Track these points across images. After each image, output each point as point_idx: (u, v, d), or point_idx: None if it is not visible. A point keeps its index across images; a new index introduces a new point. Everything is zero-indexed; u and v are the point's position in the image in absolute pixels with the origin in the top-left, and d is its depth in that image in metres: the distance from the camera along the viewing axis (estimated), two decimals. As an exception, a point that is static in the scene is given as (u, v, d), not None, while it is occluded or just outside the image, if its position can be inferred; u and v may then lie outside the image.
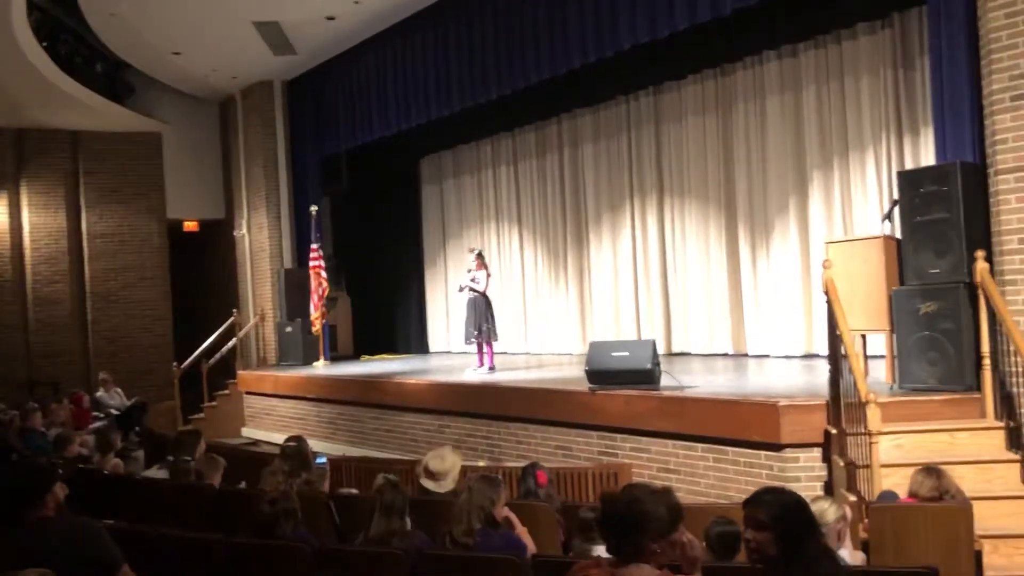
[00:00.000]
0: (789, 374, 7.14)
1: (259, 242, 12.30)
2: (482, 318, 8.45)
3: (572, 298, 10.46)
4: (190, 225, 13.30)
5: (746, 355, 8.64)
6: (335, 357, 11.74)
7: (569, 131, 10.48)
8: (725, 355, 8.81)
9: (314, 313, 11.03)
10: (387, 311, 12.90)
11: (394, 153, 11.93)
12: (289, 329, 11.45)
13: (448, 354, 11.85)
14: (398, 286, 12.83)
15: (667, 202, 9.47)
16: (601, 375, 6.28)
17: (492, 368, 8.55)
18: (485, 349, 8.59)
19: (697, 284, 9.17)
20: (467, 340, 8.64)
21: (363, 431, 8.79)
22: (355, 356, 12.23)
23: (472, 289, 8.52)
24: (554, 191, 10.66)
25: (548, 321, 10.76)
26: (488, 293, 8.61)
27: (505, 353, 10.79)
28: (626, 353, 6.23)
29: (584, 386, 6.44)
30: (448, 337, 12.14)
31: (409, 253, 12.67)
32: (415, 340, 12.58)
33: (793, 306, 8.26)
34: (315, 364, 11.05)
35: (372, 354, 12.10)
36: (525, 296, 11.10)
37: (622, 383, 6.16)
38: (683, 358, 8.96)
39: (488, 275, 8.61)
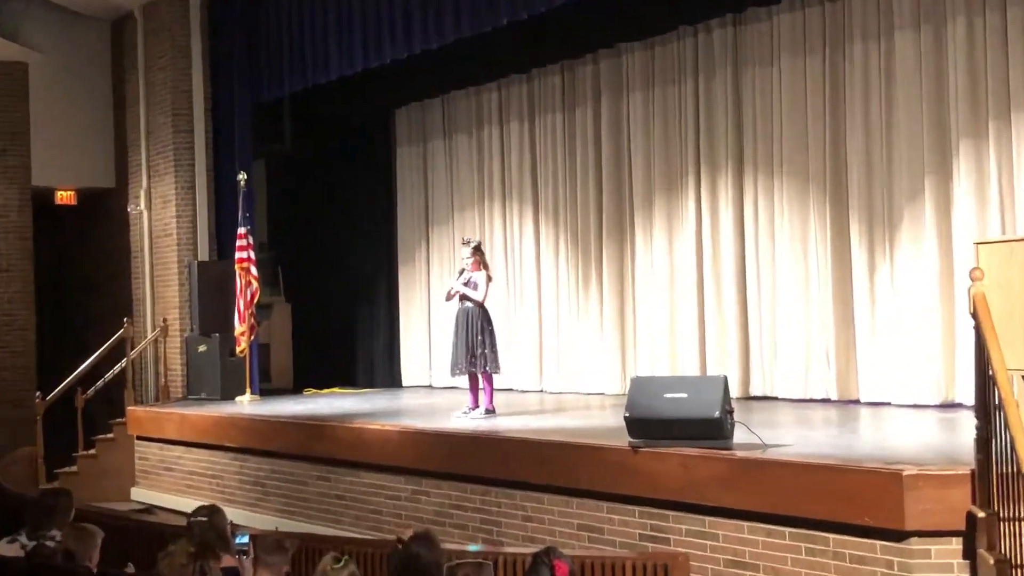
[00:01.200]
0: (918, 431, 7.19)
1: (163, 222, 12.32)
2: (478, 339, 8.51)
3: (608, 315, 10.56)
4: (65, 196, 13.30)
5: (856, 402, 8.72)
6: (267, 390, 11.90)
7: (610, 74, 10.56)
8: (826, 401, 8.88)
9: (239, 326, 11.06)
10: (343, 326, 13.00)
11: (358, 101, 12.00)
12: (203, 348, 11.53)
13: (428, 390, 11.95)
14: (359, 291, 12.93)
15: (748, 181, 9.53)
16: (648, 425, 6.32)
17: (491, 411, 8.60)
18: (482, 384, 8.63)
19: (789, 300, 9.20)
20: (455, 370, 8.71)
21: (305, 496, 8.81)
22: (296, 389, 12.41)
23: (466, 297, 8.59)
24: (586, 160, 10.75)
25: (572, 347, 10.86)
26: (488, 304, 8.68)
27: (510, 390, 10.84)
28: (684, 395, 6.26)
29: (622, 440, 6.46)
30: (429, 365, 12.23)
31: (376, 244, 12.79)
32: (381, 368, 12.71)
33: (926, 334, 8.31)
34: (239, 399, 11.08)
35: (320, 387, 12.22)
36: (541, 310, 11.20)
37: (678, 437, 6.20)
38: (766, 404, 9.00)
39: (489, 278, 8.68)
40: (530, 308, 11.25)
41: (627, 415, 6.39)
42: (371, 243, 12.79)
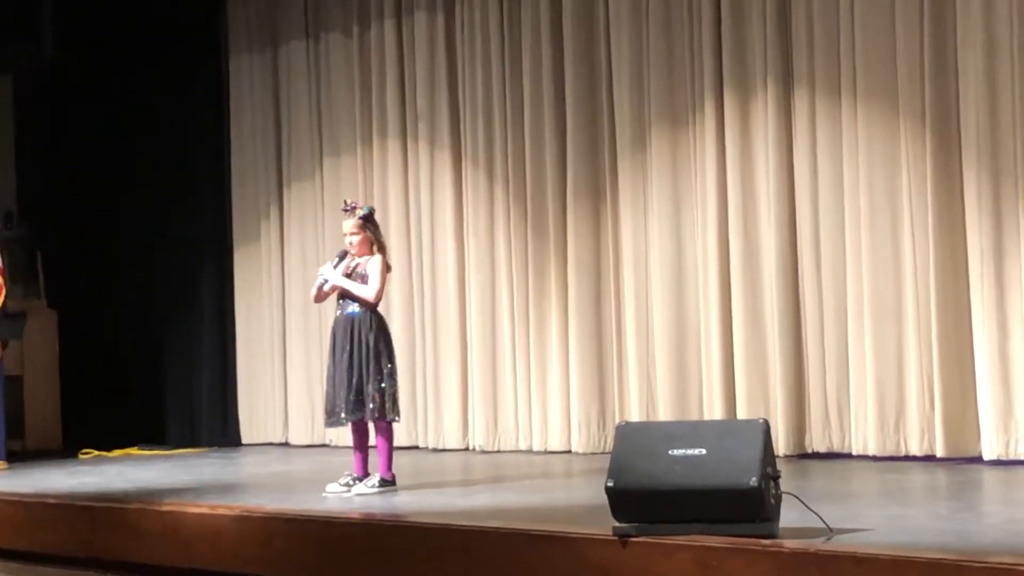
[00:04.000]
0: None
1: None
2: (369, 368, 8.63)
3: (577, 329, 10.69)
4: None
5: (978, 460, 8.91)
6: (20, 453, 11.96)
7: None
8: (929, 460, 9.07)
9: (-29, 349, 11.17)
10: (144, 349, 13.02)
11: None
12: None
13: (284, 450, 12.10)
14: (171, 292, 12.96)
15: (800, 113, 9.70)
16: (644, 501, 6.34)
17: (389, 482, 8.73)
18: (374, 440, 8.71)
19: (866, 303, 9.31)
20: (332, 419, 8.85)
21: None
22: (67, 451, 12.42)
23: (348, 296, 8.70)
24: (537, 78, 10.89)
25: (517, 381, 10.99)
26: (382, 308, 8.87)
27: (416, 449, 10.96)
28: (701, 451, 6.32)
29: (604, 525, 6.45)
30: (285, 412, 12.44)
31: (198, 215, 12.90)
32: (208, 418, 12.87)
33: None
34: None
35: (107, 448, 12.30)
36: (467, 323, 11.33)
37: (692, 520, 6.22)
38: (832, 465, 9.12)
39: (386, 266, 8.84)
40: (448, 320, 11.33)
41: (610, 485, 6.36)
42: (189, 214, 12.80)
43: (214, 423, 12.69)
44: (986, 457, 8.78)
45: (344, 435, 9.89)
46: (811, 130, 9.58)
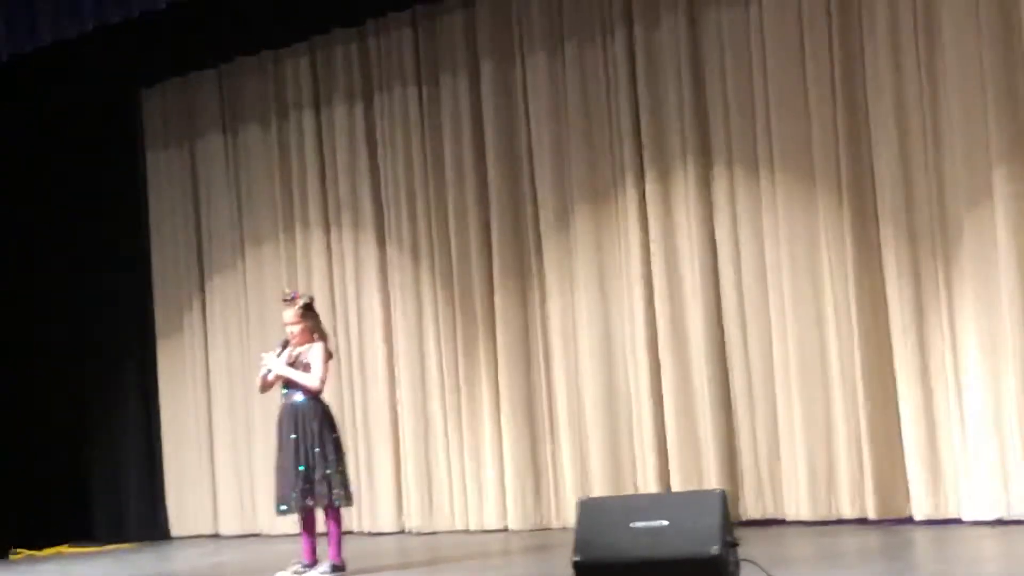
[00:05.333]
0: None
1: None
2: (315, 453, 8.64)
3: (510, 404, 10.73)
4: None
5: (908, 521, 8.93)
6: None
7: (494, 21, 10.80)
8: (862, 523, 9.08)
9: None
10: (71, 437, 12.90)
11: (86, 73, 11.99)
12: None
13: (216, 542, 12.00)
14: (96, 376, 12.87)
15: (719, 186, 9.83)
16: (609, 573, 6.45)
17: (339, 568, 8.70)
18: (328, 525, 8.71)
19: (793, 368, 9.42)
20: (283, 506, 8.79)
21: None
22: None
23: (292, 384, 8.74)
24: (459, 158, 11.02)
25: (450, 461, 11.02)
26: (327, 395, 8.95)
27: (352, 533, 10.86)
28: (663, 522, 6.40)
29: None
30: (214, 501, 12.36)
31: (120, 301, 12.85)
32: (136, 511, 12.78)
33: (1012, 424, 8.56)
34: None
35: (38, 547, 12.24)
36: (396, 402, 11.38)
37: None
38: (769, 531, 9.10)
39: (328, 354, 8.88)
40: (378, 403, 11.39)
41: (577, 559, 6.46)
42: (111, 308, 12.79)
43: (143, 516, 12.58)
44: (916, 517, 8.82)
45: (281, 523, 10.01)
46: (731, 204, 9.67)
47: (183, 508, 12.49)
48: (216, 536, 12.05)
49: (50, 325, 12.93)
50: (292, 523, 9.58)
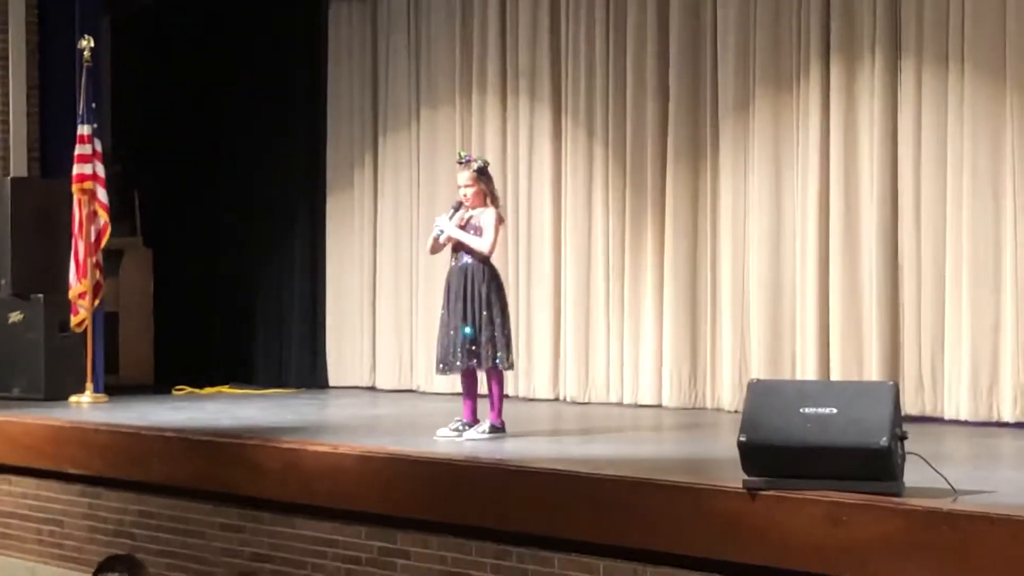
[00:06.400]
0: None
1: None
2: (483, 316, 8.71)
3: (673, 286, 10.73)
4: None
5: None
6: (115, 387, 11.97)
7: None
8: (1015, 426, 9.10)
9: (78, 284, 11.18)
10: (235, 288, 13.14)
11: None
12: (18, 318, 11.57)
13: (373, 393, 12.18)
14: (263, 233, 13.06)
15: (907, 79, 9.69)
16: (775, 456, 6.39)
17: (499, 429, 8.81)
18: (489, 386, 8.85)
19: (968, 268, 9.32)
20: (445, 366, 8.90)
21: (202, 557, 8.86)
22: (159, 387, 12.60)
23: (463, 248, 8.76)
24: (641, 37, 10.88)
25: (609, 335, 11.04)
26: (495, 259, 8.95)
27: (508, 397, 10.83)
28: (832, 410, 6.35)
29: (731, 477, 6.56)
30: (373, 356, 12.52)
31: (292, 159, 12.94)
32: (296, 359, 12.97)
33: None
34: (74, 401, 11.23)
35: (198, 385, 12.45)
36: (562, 276, 11.36)
37: (822, 476, 6.29)
38: (929, 428, 8.95)
39: (500, 219, 8.88)
40: (543, 273, 11.42)
41: (743, 440, 6.42)
42: (283, 157, 12.84)
43: (303, 365, 12.75)
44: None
45: (438, 382, 10.23)
46: (916, 99, 9.54)
47: (342, 359, 12.63)
48: (372, 388, 12.20)
49: (227, 172, 13.18)
50: (448, 382, 9.74)
